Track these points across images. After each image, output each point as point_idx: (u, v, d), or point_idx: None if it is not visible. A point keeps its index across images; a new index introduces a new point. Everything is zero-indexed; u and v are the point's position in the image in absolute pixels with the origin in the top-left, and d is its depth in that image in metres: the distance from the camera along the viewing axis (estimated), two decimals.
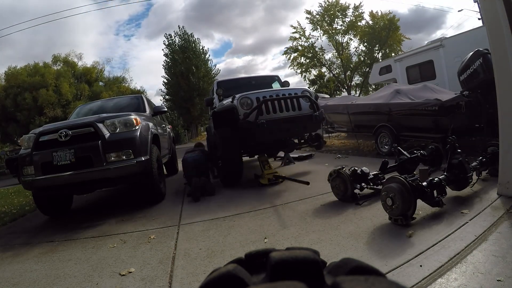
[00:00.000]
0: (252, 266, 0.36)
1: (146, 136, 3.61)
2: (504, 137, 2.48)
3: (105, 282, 1.83)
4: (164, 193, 3.95)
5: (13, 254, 2.56)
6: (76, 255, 2.34)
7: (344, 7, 24.78)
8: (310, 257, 0.32)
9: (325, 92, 26.02)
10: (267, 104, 3.82)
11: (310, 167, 5.07)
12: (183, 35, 22.39)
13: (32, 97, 20.14)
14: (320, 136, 4.84)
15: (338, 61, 26.67)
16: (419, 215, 2.23)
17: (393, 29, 23.67)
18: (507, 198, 2.35)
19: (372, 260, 1.70)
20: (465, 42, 7.72)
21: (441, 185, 2.28)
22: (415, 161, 3.17)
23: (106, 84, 26.33)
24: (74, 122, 3.52)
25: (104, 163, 3.15)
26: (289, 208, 2.89)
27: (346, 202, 2.78)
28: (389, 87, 6.11)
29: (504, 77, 2.42)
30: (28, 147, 3.32)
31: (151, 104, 5.48)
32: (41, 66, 22.44)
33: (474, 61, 4.20)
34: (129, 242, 2.50)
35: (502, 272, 1.42)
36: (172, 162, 6.27)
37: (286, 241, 2.11)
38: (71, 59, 24.52)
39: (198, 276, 1.77)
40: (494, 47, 2.49)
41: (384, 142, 5.27)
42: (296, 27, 25.75)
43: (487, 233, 1.84)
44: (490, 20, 2.53)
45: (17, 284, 1.96)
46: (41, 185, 3.20)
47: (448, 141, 2.65)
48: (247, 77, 6.46)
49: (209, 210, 3.14)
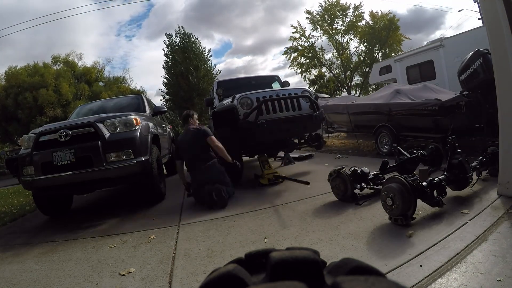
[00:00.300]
0: (252, 266, 0.36)
1: (146, 136, 3.61)
2: (504, 137, 2.48)
3: (105, 282, 1.83)
4: (164, 193, 3.95)
5: (13, 254, 2.56)
6: (76, 255, 2.34)
7: (345, 7, 24.77)
8: (310, 257, 0.32)
9: (325, 92, 26.00)
10: (267, 104, 3.82)
11: (310, 167, 5.07)
12: (183, 35, 22.38)
13: (33, 96, 20.15)
14: (320, 136, 4.84)
15: (338, 61, 26.66)
16: (419, 215, 2.23)
17: (393, 29, 23.66)
18: (507, 198, 2.35)
19: (372, 260, 1.70)
20: (465, 42, 7.71)
21: (441, 185, 2.28)
22: (415, 161, 3.17)
23: (106, 84, 26.30)
24: (74, 122, 3.52)
25: (104, 163, 3.15)
26: (289, 208, 2.88)
27: (346, 202, 2.78)
28: (389, 87, 6.12)
29: (504, 77, 2.42)
30: (28, 147, 3.32)
31: (151, 104, 5.48)
32: (41, 66, 22.43)
33: (474, 61, 4.20)
34: (129, 242, 2.50)
35: (502, 272, 1.42)
36: (172, 162, 6.27)
37: (286, 241, 2.11)
38: (71, 59, 24.54)
39: (198, 276, 1.77)
40: (494, 47, 2.49)
41: (384, 142, 5.27)
42: (296, 27, 25.76)
43: (487, 233, 1.84)
44: (490, 20, 2.53)
45: (17, 284, 1.96)
46: (41, 185, 3.20)
47: (448, 141, 2.65)
48: (247, 77, 6.47)
49: (209, 210, 3.14)
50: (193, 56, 22.00)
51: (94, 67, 25.88)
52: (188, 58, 21.69)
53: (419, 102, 4.77)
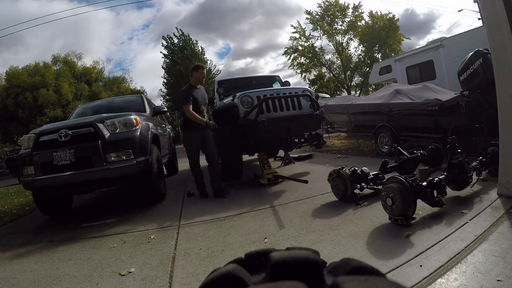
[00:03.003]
0: (252, 266, 0.36)
1: (146, 136, 3.61)
2: (504, 137, 2.48)
3: (105, 282, 1.83)
4: (164, 193, 3.95)
5: (13, 254, 2.56)
6: (76, 255, 2.34)
7: (344, 7, 24.77)
8: (310, 257, 0.32)
9: (325, 92, 26.00)
10: (267, 103, 3.83)
11: (310, 167, 5.07)
12: (180, 36, 22.48)
13: (33, 96, 20.15)
14: (320, 135, 4.85)
15: (338, 61, 26.67)
16: (419, 215, 2.23)
17: (392, 29, 23.67)
18: (507, 198, 2.35)
19: (372, 260, 1.70)
20: (465, 42, 7.71)
21: (441, 185, 2.28)
22: (415, 161, 3.17)
23: (106, 84, 26.32)
24: (74, 122, 3.52)
25: (104, 163, 3.15)
26: (289, 208, 2.89)
27: (346, 202, 2.78)
28: (389, 87, 6.11)
29: (504, 77, 2.42)
30: (28, 147, 3.31)
31: (151, 104, 5.48)
32: (41, 66, 22.45)
33: (474, 61, 4.20)
34: (129, 242, 2.50)
35: (502, 272, 1.42)
36: (172, 162, 6.27)
37: (286, 241, 2.11)
38: (71, 59, 24.54)
39: (198, 276, 1.77)
40: (494, 47, 2.49)
41: (384, 142, 5.27)
42: (296, 27, 25.78)
43: (487, 233, 1.84)
44: (490, 20, 2.53)
45: (17, 284, 1.96)
46: (41, 185, 3.20)
47: (448, 141, 2.65)
48: (248, 77, 6.46)
49: (209, 210, 3.14)
50: (192, 56, 22.05)
51: (94, 67, 25.90)
52: (187, 58, 21.74)
53: (419, 102, 4.77)
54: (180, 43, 22.40)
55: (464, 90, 4.57)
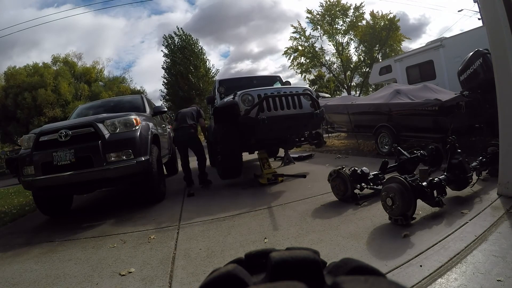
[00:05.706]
0: (252, 266, 0.36)
1: (146, 136, 3.61)
2: (504, 137, 2.48)
3: (105, 282, 1.83)
4: (164, 193, 3.96)
5: (13, 254, 2.56)
6: (76, 255, 2.34)
7: (346, 7, 24.75)
8: (310, 257, 0.32)
9: (325, 92, 25.99)
10: (268, 101, 3.83)
11: (310, 167, 5.07)
12: (181, 36, 22.48)
13: (32, 96, 20.13)
14: (320, 135, 4.85)
15: (338, 61, 26.65)
16: (419, 215, 2.23)
17: (393, 29, 23.65)
18: (507, 198, 2.35)
19: (372, 260, 1.70)
20: (465, 42, 7.71)
21: (441, 185, 2.28)
22: (415, 161, 3.17)
23: (106, 84, 26.29)
24: (74, 122, 3.52)
25: (104, 163, 3.15)
26: (289, 208, 2.89)
27: (346, 202, 2.78)
28: (389, 87, 6.11)
29: (504, 77, 2.42)
30: (28, 147, 3.32)
31: (151, 104, 5.48)
32: (40, 66, 22.44)
33: (474, 61, 4.20)
34: (129, 242, 2.50)
35: (502, 272, 1.42)
36: (172, 162, 6.27)
37: (286, 241, 2.11)
38: (71, 59, 24.53)
39: (198, 276, 1.77)
40: (494, 47, 2.49)
41: (384, 142, 5.27)
42: (296, 27, 25.76)
43: (487, 233, 1.84)
44: (490, 20, 2.53)
45: (17, 284, 1.96)
46: (41, 185, 3.20)
47: (448, 141, 2.65)
48: (249, 77, 6.47)
49: (209, 210, 3.14)
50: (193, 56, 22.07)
51: (94, 67, 25.89)
52: (187, 58, 21.75)
53: (419, 102, 4.77)
54: (180, 43, 22.43)
55: (464, 90, 4.57)
